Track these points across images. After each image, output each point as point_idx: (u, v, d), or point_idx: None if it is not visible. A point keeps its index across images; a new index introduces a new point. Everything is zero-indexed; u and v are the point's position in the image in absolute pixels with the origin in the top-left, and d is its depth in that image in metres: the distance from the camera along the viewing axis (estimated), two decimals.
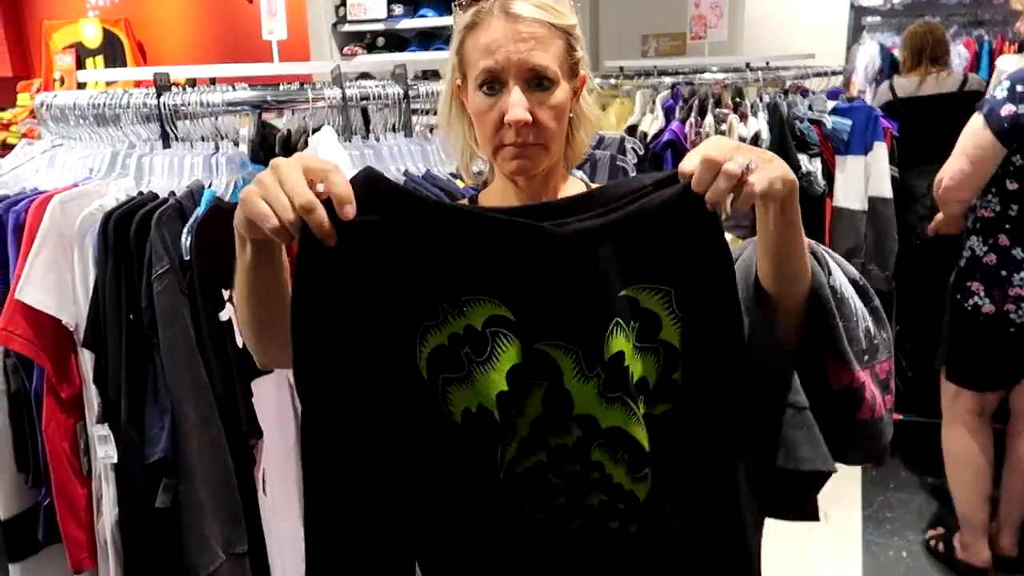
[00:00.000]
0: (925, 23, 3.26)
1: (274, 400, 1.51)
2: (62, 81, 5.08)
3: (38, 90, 5.25)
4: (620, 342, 0.80)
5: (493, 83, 0.92)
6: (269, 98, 1.52)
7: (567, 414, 0.81)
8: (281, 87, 1.67)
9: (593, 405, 0.80)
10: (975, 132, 1.98)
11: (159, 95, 1.46)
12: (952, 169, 2.03)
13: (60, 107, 1.54)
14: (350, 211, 0.74)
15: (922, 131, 2.99)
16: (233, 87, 1.76)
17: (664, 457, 0.84)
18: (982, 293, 2.05)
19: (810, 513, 0.97)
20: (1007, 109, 1.90)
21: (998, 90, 1.95)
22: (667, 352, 0.82)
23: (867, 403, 0.87)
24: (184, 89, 1.49)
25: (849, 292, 0.88)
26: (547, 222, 0.79)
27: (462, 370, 0.79)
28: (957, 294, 2.12)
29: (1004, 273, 2.01)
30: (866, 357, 0.88)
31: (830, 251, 0.93)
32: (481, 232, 0.78)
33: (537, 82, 0.92)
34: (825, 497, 0.89)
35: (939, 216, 2.32)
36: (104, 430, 1.30)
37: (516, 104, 0.91)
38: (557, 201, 0.84)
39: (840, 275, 0.89)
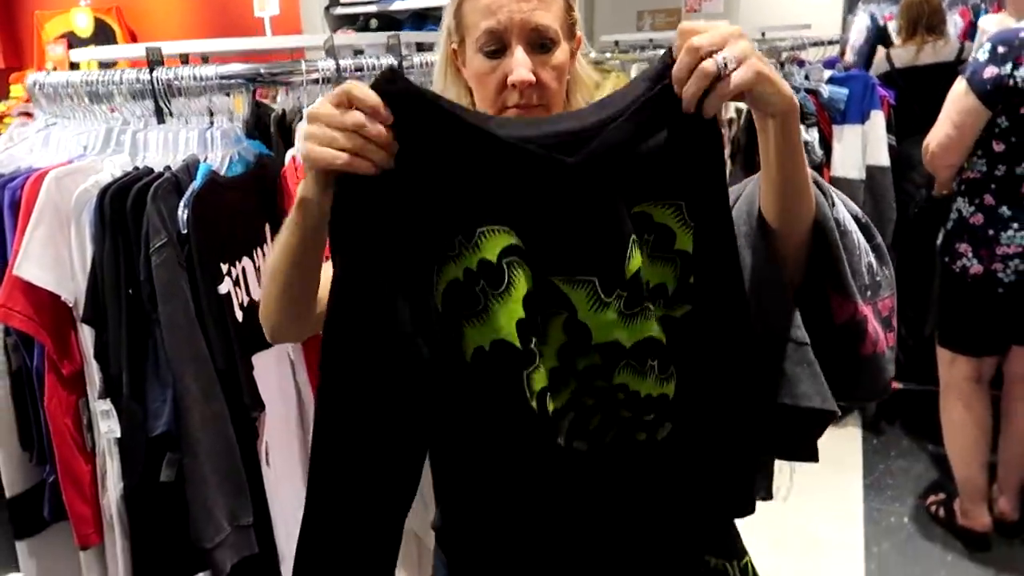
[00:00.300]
0: None
1: (275, 374, 1.52)
2: (54, 71, 5.05)
3: None
4: (638, 258, 0.80)
5: (495, 44, 0.92)
6: (263, 71, 1.51)
7: (587, 344, 0.81)
8: (275, 63, 1.65)
9: (613, 330, 0.80)
10: (959, 96, 1.98)
11: (152, 70, 1.45)
12: (938, 135, 2.03)
13: (53, 86, 1.53)
14: (385, 115, 0.73)
15: (919, 100, 2.97)
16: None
17: (687, 355, 0.85)
18: (970, 254, 2.05)
19: (809, 454, 0.97)
20: (990, 71, 1.90)
21: (980, 52, 1.94)
22: (683, 260, 0.82)
23: (870, 337, 0.87)
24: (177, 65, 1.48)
25: (852, 227, 0.88)
26: (559, 140, 0.78)
27: (477, 305, 0.78)
28: (945, 257, 2.12)
29: (991, 232, 2.01)
30: (868, 293, 0.88)
31: (833, 188, 0.92)
32: (496, 160, 0.77)
33: (540, 43, 0.92)
34: (827, 465, 0.89)
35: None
36: (106, 405, 1.30)
37: (520, 65, 0.90)
38: (571, 114, 0.82)
39: (843, 209, 0.88)
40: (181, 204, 1.31)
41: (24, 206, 1.30)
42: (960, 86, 1.97)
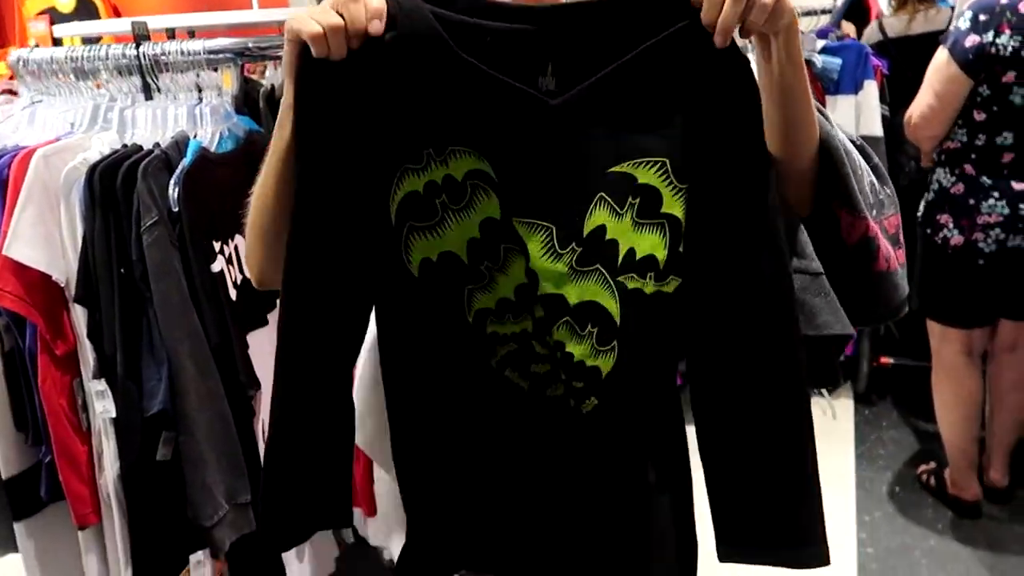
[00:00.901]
0: None
1: (270, 351, 1.50)
2: (36, 47, 4.96)
3: None
4: (603, 216, 0.80)
5: None
6: (251, 45, 1.49)
7: (532, 293, 0.82)
8: (263, 37, 1.63)
9: (561, 283, 0.81)
10: (940, 66, 1.94)
11: (138, 45, 1.43)
12: (920, 105, 2.00)
13: (38, 62, 1.51)
14: (378, 26, 0.74)
15: (913, 69, 2.95)
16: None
17: (650, 338, 0.85)
18: (951, 224, 2.03)
19: (833, 378, 0.98)
20: (971, 40, 1.87)
21: (960, 21, 1.91)
22: (672, 225, 0.81)
23: (882, 254, 0.86)
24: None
25: (851, 147, 0.87)
26: (550, 60, 0.78)
27: (433, 217, 0.80)
28: (927, 228, 2.10)
29: (972, 201, 1.99)
30: (874, 212, 0.87)
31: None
32: (477, 85, 0.77)
33: None
34: (819, 435, 0.88)
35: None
36: (101, 385, 1.29)
37: None
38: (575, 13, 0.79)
39: (839, 132, 0.87)
40: (172, 182, 1.29)
41: (12, 185, 1.28)
42: (942, 55, 1.94)
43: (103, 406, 1.31)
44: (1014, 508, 2.31)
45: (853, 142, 0.90)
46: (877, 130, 2.58)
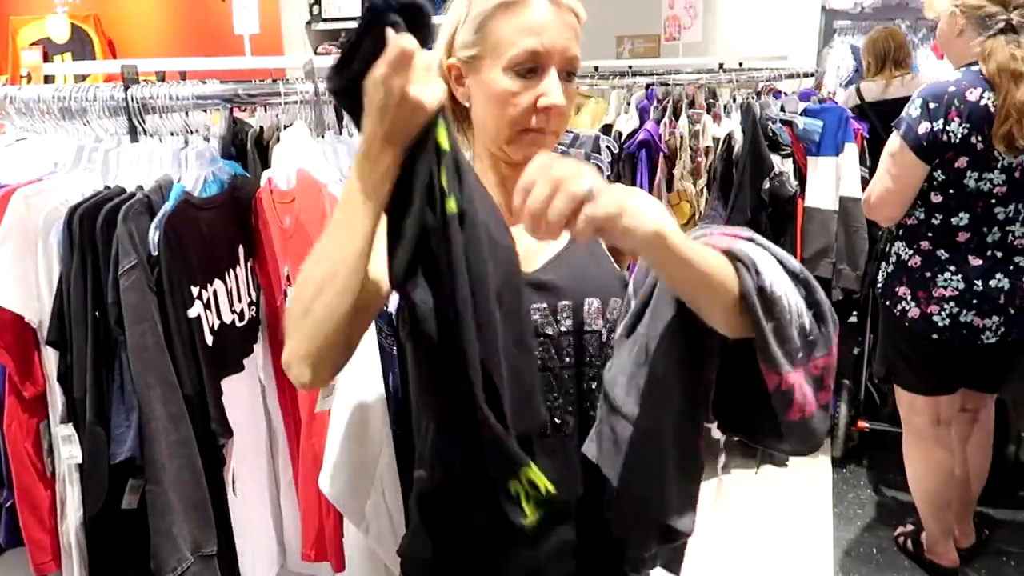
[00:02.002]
0: (885, 28, 3.31)
1: (246, 399, 1.49)
2: (29, 78, 4.97)
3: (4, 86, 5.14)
4: None
5: (533, 65, 0.90)
6: (240, 92, 1.49)
7: None
8: (254, 83, 1.64)
9: None
10: (895, 152, 1.95)
11: (127, 88, 1.43)
12: (877, 188, 2.02)
13: (24, 100, 1.50)
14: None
15: (890, 133, 3.03)
16: (204, 83, 1.73)
17: None
18: (908, 297, 2.04)
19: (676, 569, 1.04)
20: (923, 127, 1.89)
21: (912, 108, 1.93)
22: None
23: (796, 404, 0.85)
24: (153, 83, 1.46)
25: (783, 289, 0.83)
26: None
27: None
28: (886, 300, 2.11)
29: (928, 274, 2.01)
30: (800, 355, 0.85)
31: (766, 244, 0.88)
32: None
33: (568, 72, 0.93)
34: (797, 493, 0.88)
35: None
36: (68, 430, 1.27)
37: (556, 90, 0.90)
38: None
39: (772, 272, 0.83)
40: (152, 225, 1.29)
41: None
42: (895, 141, 1.95)
43: (69, 451, 1.28)
44: (992, 570, 2.30)
45: (796, 275, 0.87)
46: (857, 191, 2.63)
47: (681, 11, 3.14)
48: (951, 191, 1.93)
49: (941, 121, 1.87)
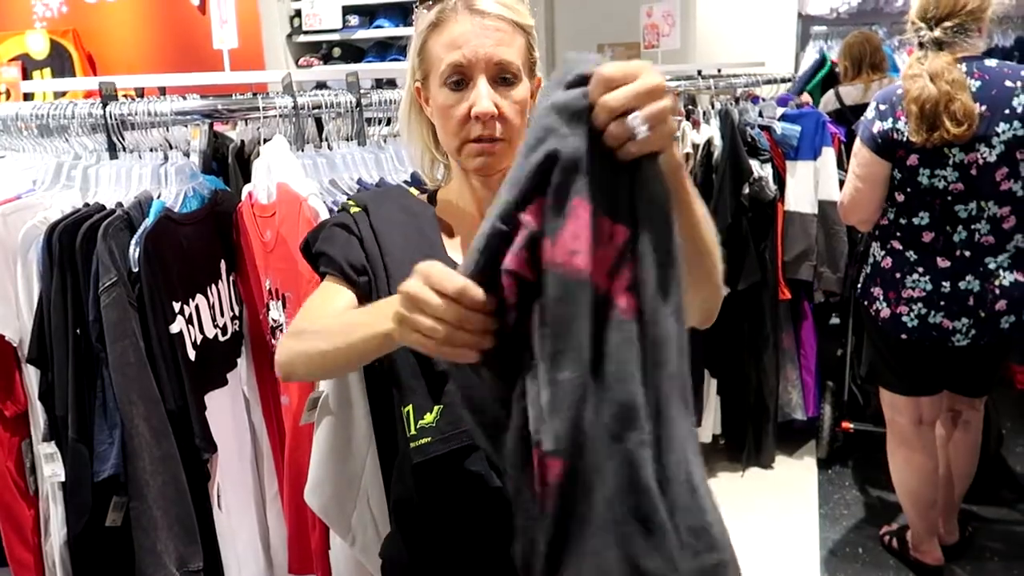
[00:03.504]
0: (860, 33, 3.36)
1: (229, 413, 1.49)
2: (8, 94, 4.94)
3: None
4: None
5: (459, 78, 0.93)
6: (220, 107, 1.50)
7: None
8: (233, 97, 1.65)
9: None
10: (856, 152, 2.05)
11: (105, 105, 1.43)
12: (848, 191, 2.09)
13: (2, 118, 1.50)
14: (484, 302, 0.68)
15: None
16: (184, 97, 1.74)
17: None
18: (881, 297, 2.08)
19: None
20: (877, 126, 1.98)
21: (868, 111, 2.04)
22: None
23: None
24: (132, 99, 1.46)
25: None
26: None
27: None
28: (864, 300, 2.16)
29: (898, 275, 2.04)
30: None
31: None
32: None
33: (502, 77, 0.94)
34: (783, 494, 0.87)
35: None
36: (51, 448, 1.26)
37: (483, 96, 0.92)
38: None
39: None
40: (133, 242, 1.29)
41: None
42: (856, 143, 2.05)
43: (52, 469, 1.28)
44: (976, 567, 2.32)
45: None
46: (835, 195, 2.66)
47: (659, 19, 3.17)
48: (908, 189, 1.99)
49: (890, 120, 1.95)
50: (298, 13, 4.42)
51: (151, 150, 1.48)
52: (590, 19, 4.37)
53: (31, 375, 1.28)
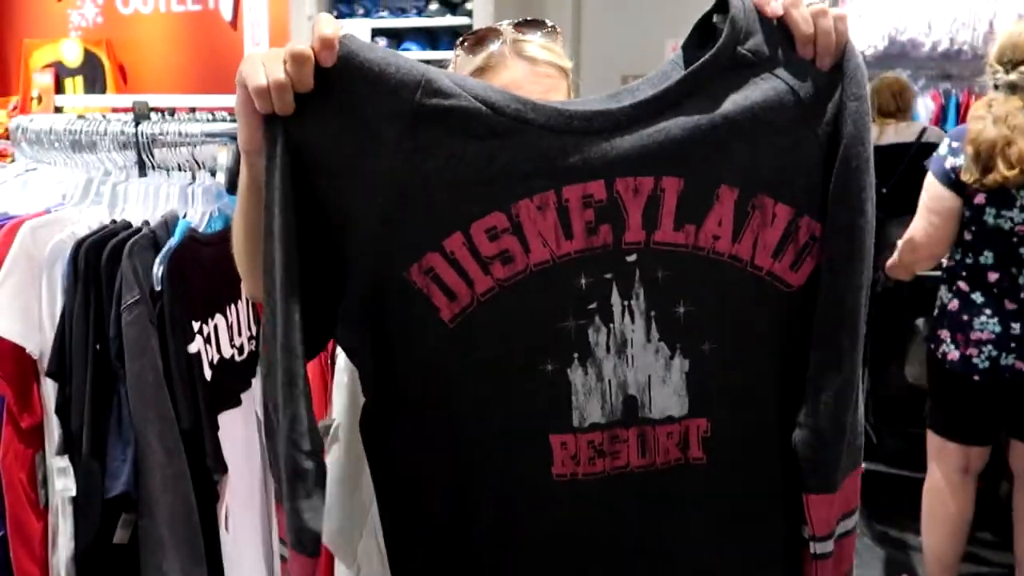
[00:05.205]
0: (889, 76, 3.36)
1: (241, 433, 1.49)
2: (39, 99, 5.03)
3: (14, 108, 5.20)
4: None
5: None
6: None
7: None
8: None
9: None
10: (928, 187, 2.08)
11: (137, 124, 1.46)
12: (919, 227, 2.09)
13: (36, 131, 1.53)
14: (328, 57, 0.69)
15: (882, 180, 3.06)
16: (213, 115, 1.76)
17: None
18: (949, 340, 2.09)
19: None
20: (949, 161, 2.03)
21: (941, 147, 2.08)
22: None
23: None
24: (163, 116, 1.49)
25: None
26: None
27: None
28: (931, 343, 2.16)
29: (966, 317, 2.05)
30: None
31: None
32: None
33: None
34: None
35: (893, 258, 2.27)
36: (64, 462, 1.27)
37: None
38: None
39: None
40: (157, 261, 1.30)
41: None
42: (928, 179, 2.07)
43: (64, 484, 1.28)
44: None
45: None
46: None
47: None
48: (974, 227, 2.02)
49: (961, 156, 1.98)
50: None
51: (179, 167, 1.49)
52: (614, 51, 4.40)
53: (48, 388, 1.29)
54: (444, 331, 0.75)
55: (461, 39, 1.07)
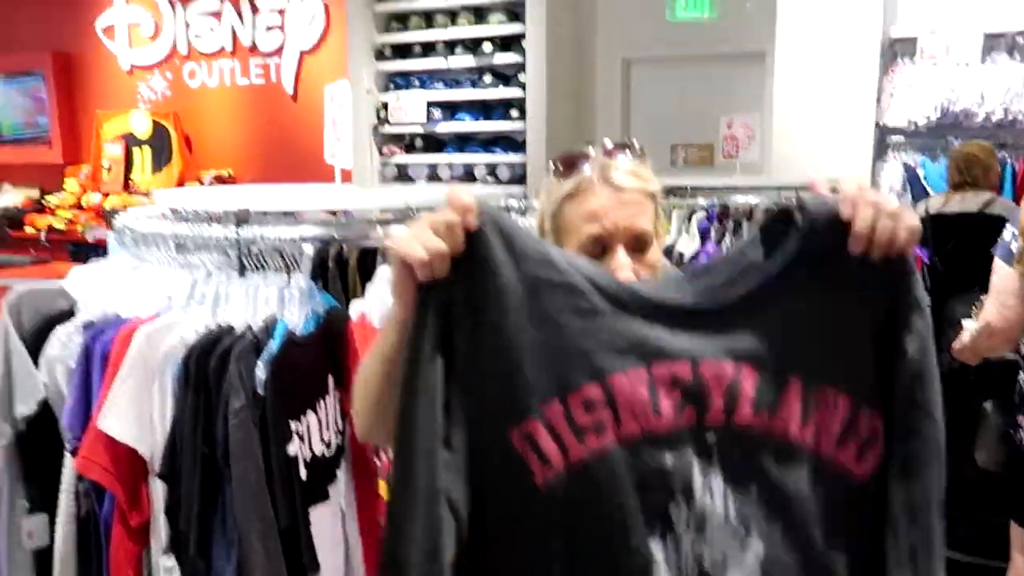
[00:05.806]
0: (973, 143, 3.29)
1: (328, 527, 1.53)
2: (109, 169, 5.27)
3: (86, 176, 5.45)
4: None
5: (599, 247, 0.99)
6: (337, 235, 1.60)
7: None
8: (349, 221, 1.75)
9: None
10: (999, 271, 2.01)
11: (238, 227, 1.54)
12: (993, 312, 2.03)
13: (143, 234, 1.63)
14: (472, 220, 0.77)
15: (939, 249, 2.99)
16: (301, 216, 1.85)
17: None
18: None
19: None
20: (1015, 245, 1.98)
21: (1005, 233, 2.02)
22: None
23: None
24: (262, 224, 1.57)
25: None
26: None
27: None
28: (1010, 429, 2.11)
29: None
30: None
31: None
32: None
33: (637, 244, 1.00)
34: None
35: (963, 341, 2.25)
36: (170, 561, 1.32)
37: (623, 267, 0.98)
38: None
39: None
40: (259, 364, 1.37)
41: (113, 359, 1.37)
42: (998, 263, 2.02)
43: None
44: None
45: None
46: None
47: (739, 131, 3.25)
48: None
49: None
50: (384, 106, 4.64)
51: (275, 269, 1.57)
52: (665, 120, 4.48)
53: (157, 487, 1.35)
54: (536, 495, 0.79)
55: (553, 161, 1.12)
